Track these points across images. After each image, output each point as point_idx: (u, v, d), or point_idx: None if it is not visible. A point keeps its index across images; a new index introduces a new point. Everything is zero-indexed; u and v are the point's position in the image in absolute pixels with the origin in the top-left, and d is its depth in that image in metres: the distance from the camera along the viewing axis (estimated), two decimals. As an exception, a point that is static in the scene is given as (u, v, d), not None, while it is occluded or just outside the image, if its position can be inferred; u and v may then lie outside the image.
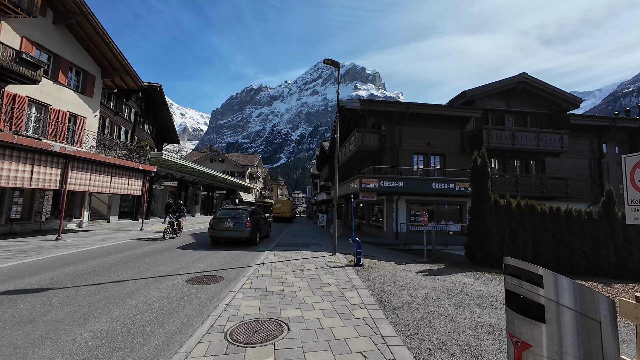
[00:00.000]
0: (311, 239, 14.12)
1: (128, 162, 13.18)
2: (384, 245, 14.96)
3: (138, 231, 13.96)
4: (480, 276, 7.38)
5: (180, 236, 12.71)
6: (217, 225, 10.34)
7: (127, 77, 16.02)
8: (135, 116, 26.70)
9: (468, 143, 16.94)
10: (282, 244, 11.25)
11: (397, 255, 12.10)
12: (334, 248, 9.15)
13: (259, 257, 8.23)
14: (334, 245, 9.14)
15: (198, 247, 9.72)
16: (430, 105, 15.54)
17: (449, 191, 15.24)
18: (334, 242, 9.15)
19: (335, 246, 9.14)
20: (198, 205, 29.73)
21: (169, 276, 5.92)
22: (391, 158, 16.57)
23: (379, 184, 14.82)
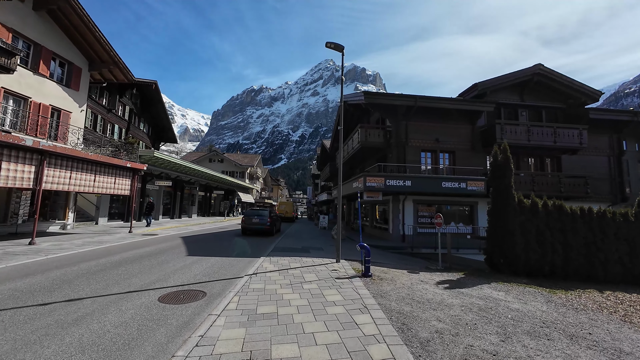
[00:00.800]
0: (312, 241, 13.08)
1: (114, 160, 12.17)
2: (390, 249, 13.91)
3: (125, 234, 12.95)
4: (510, 289, 6.31)
5: (169, 240, 11.69)
6: (248, 220, 14.67)
7: (116, 69, 15.05)
8: (130, 114, 25.78)
9: (479, 140, 15.87)
10: (281, 248, 10.21)
11: (407, 261, 11.04)
12: (337, 254, 8.10)
13: (252, 265, 7.19)
14: (338, 251, 8.10)
15: (185, 253, 8.69)
16: (439, 99, 14.50)
17: (459, 191, 14.17)
18: (337, 247, 8.10)
19: (339, 252, 8.10)
20: (195, 205, 28.74)
21: (140, 292, 4.89)
22: (397, 155, 15.52)
23: (385, 182, 13.77)
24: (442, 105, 14.51)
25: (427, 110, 15.08)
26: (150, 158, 17.20)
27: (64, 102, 13.43)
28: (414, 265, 9.85)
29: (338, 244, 8.09)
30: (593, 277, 8.23)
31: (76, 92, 14.05)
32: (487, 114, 16.11)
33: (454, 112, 15.34)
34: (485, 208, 16.09)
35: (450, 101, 14.61)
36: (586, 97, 15.99)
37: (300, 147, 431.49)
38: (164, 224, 18.99)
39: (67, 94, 13.57)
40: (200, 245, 10.66)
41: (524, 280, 7.53)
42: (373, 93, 14.16)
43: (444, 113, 15.42)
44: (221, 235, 14.75)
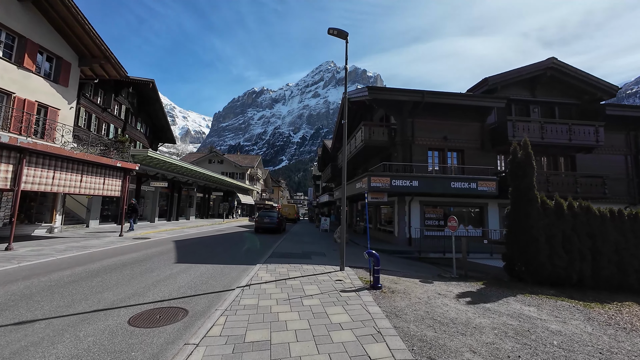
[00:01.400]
0: (313, 246, 12.28)
1: (102, 159, 11.44)
2: (396, 253, 13.09)
3: (115, 238, 12.19)
4: (540, 303, 5.50)
5: (161, 244, 10.92)
6: (260, 220, 17.93)
7: (107, 65, 14.36)
8: (126, 113, 25.15)
9: (489, 138, 15.07)
10: (280, 254, 9.42)
11: (416, 267, 10.22)
12: (341, 261, 7.30)
13: (247, 274, 6.40)
14: (342, 258, 7.30)
15: (174, 260, 7.91)
16: (447, 94, 13.70)
17: (470, 191, 13.36)
18: (341, 254, 7.30)
19: (343, 259, 7.30)
20: (193, 207, 27.99)
21: (110, 310, 4.11)
22: (402, 154, 14.73)
23: (391, 183, 12.98)
24: (450, 101, 13.73)
25: (434, 106, 14.30)
26: (145, 158, 16.48)
27: (51, 99, 12.73)
28: (425, 272, 9.03)
29: (342, 251, 7.29)
30: (625, 287, 7.41)
31: (65, 88, 13.36)
32: (497, 111, 15.32)
33: (462, 109, 14.56)
34: (495, 209, 15.29)
35: (460, 96, 13.82)
36: (602, 92, 15.18)
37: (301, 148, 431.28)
38: (159, 226, 18.24)
39: (55, 89, 12.88)
40: (193, 250, 9.88)
41: (550, 291, 6.71)
42: (378, 88, 13.41)
43: (452, 110, 14.64)
44: (218, 238, 13.98)
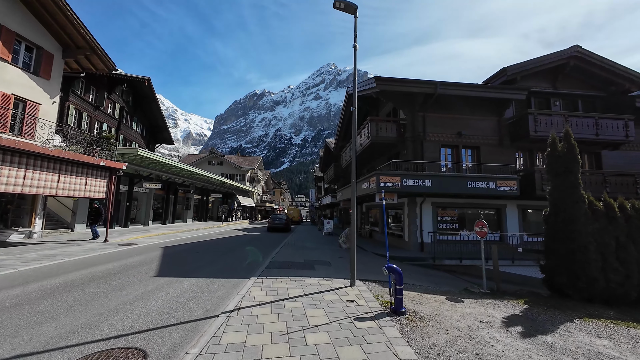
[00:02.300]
0: (316, 252, 11.08)
1: (83, 157, 10.34)
2: (408, 260, 11.85)
3: (99, 244, 11.07)
4: (611, 332, 4.28)
5: (147, 251, 9.77)
6: (271, 221, 22.95)
7: (94, 57, 13.32)
8: (120, 112, 24.19)
9: (507, 133, 13.86)
10: (279, 264, 8.23)
11: (434, 278, 8.98)
12: (352, 275, 6.11)
13: (237, 292, 5.23)
14: (353, 271, 6.10)
15: (154, 272, 6.75)
16: (463, 85, 12.51)
17: (488, 192, 12.15)
18: (352, 266, 6.11)
19: (354, 272, 6.10)
20: (190, 210, 26.88)
21: (37, 355, 2.94)
22: (413, 152, 13.54)
23: (401, 182, 11.80)
24: (466, 93, 12.54)
25: (448, 99, 13.13)
26: (135, 157, 15.40)
27: (30, 92, 11.69)
28: (447, 285, 7.82)
29: (353, 262, 6.09)
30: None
31: (47, 82, 12.32)
32: (516, 104, 14.12)
33: (479, 102, 13.38)
34: (515, 212, 14.04)
35: (476, 88, 12.62)
36: (630, 83, 13.95)
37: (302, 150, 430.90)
38: (152, 230, 17.12)
39: (35, 82, 11.84)
40: (181, 258, 8.72)
41: (609, 312, 5.48)
42: (386, 78, 12.25)
43: (467, 103, 13.46)
44: (212, 244, 12.82)
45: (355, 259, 6.12)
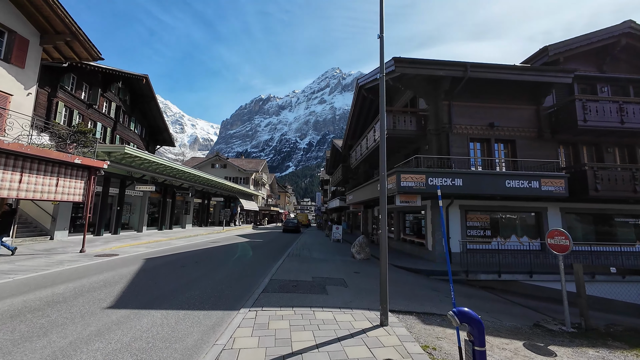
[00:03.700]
0: (326, 266, 9.24)
1: (51, 153, 8.79)
2: (435, 274, 9.93)
3: (74, 255, 9.47)
4: None
5: (123, 265, 8.09)
6: (286, 224, 28.51)
7: (75, 43, 11.92)
8: (117, 112, 22.90)
9: (547, 124, 11.89)
10: (280, 284, 6.43)
11: (481, 301, 7.02)
12: (384, 308, 4.25)
13: (214, 340, 3.45)
14: (385, 303, 4.25)
15: (110, 301, 5.02)
16: (499, 67, 10.61)
17: (531, 192, 10.19)
18: (383, 294, 4.26)
19: (386, 304, 4.25)
20: (189, 214, 25.33)
21: None
22: (437, 147, 11.68)
23: (427, 181, 9.94)
24: (502, 76, 10.64)
25: (477, 84, 11.29)
26: (123, 156, 13.89)
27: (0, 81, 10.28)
28: (503, 312, 5.90)
29: (384, 290, 4.25)
30: None
31: (20, 70, 10.92)
32: (557, 92, 12.17)
33: (513, 87, 11.48)
34: (557, 215, 11.99)
35: (515, 70, 10.69)
36: (694, 64, 11.87)
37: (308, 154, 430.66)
38: (143, 237, 15.53)
39: (5, 70, 10.44)
40: (159, 276, 7.00)
41: None
42: (407, 59, 10.45)
43: (500, 89, 11.59)
44: (206, 254, 11.11)
45: (387, 283, 4.27)
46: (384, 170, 4.61)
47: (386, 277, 4.27)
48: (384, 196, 4.56)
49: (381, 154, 4.66)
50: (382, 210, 4.58)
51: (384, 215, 4.53)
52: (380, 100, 4.88)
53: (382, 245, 4.37)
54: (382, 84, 4.93)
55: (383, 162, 4.61)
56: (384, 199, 4.55)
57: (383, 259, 4.32)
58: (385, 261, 4.31)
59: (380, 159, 4.63)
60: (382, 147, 4.67)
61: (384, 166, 4.61)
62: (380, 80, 4.96)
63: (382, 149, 4.66)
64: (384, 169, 4.61)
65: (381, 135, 4.70)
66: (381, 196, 4.59)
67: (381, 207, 4.59)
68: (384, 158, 4.63)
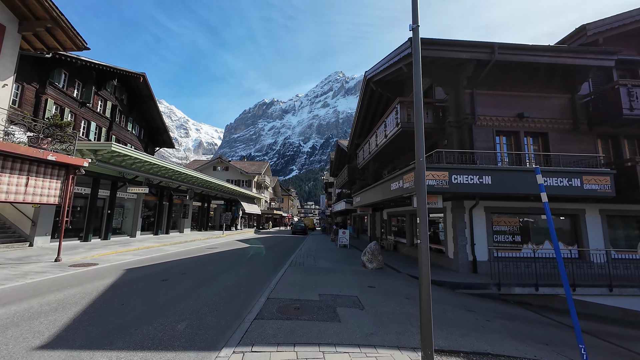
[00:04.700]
0: (335, 278, 7.89)
1: (18, 147, 7.65)
2: (460, 287, 8.52)
3: (47, 265, 8.28)
4: None
5: (95, 278, 6.86)
6: (295, 227, 33.07)
7: (57, 31, 10.88)
8: (113, 111, 21.96)
9: (584, 114, 10.49)
10: (280, 303, 5.13)
11: (531, 327, 5.58)
12: (427, 353, 2.90)
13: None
14: (429, 338, 2.90)
15: (50, 336, 3.76)
16: (531, 48, 9.24)
17: (571, 191, 8.78)
18: (425, 325, 2.92)
19: (430, 338, 2.90)
20: (188, 218, 24.16)
21: None
22: (458, 141, 10.34)
23: (450, 179, 8.59)
24: (534, 59, 9.28)
25: (504, 69, 9.98)
26: (111, 155, 12.76)
27: (-30, 70, 9.24)
28: (565, 344, 4.49)
29: (428, 324, 2.91)
30: None
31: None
32: (593, 78, 10.79)
33: (545, 72, 10.14)
34: (597, 219, 10.51)
35: (550, 51, 9.29)
36: None
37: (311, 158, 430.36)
38: (135, 243, 14.35)
39: (-23, 58, 9.41)
40: (132, 292, 5.75)
41: None
42: (426, 40, 9.14)
43: (531, 74, 10.26)
44: (198, 263, 9.85)
45: (430, 316, 2.94)
46: (422, 154, 3.30)
47: (429, 309, 2.93)
48: (423, 190, 3.25)
49: (417, 129, 3.37)
50: (420, 210, 3.26)
51: (423, 219, 3.21)
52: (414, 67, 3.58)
53: (422, 263, 3.05)
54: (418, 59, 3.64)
55: (420, 139, 3.31)
56: (423, 194, 3.24)
57: (425, 285, 2.99)
58: (428, 287, 2.98)
59: (417, 143, 3.34)
60: (419, 126, 3.37)
61: (421, 145, 3.31)
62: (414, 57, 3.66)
63: (419, 123, 3.37)
64: (422, 149, 3.30)
65: (416, 101, 3.41)
66: (419, 190, 3.27)
67: (419, 207, 3.26)
68: (421, 135, 3.34)
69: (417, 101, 3.46)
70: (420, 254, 3.09)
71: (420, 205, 3.23)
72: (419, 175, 3.27)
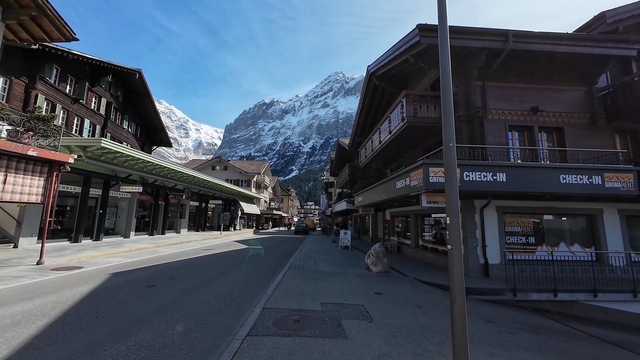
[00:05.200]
0: (338, 283, 7.27)
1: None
2: (472, 293, 7.89)
3: (28, 268, 7.67)
4: None
5: (76, 284, 6.24)
6: (297, 227, 35.91)
7: (43, 20, 10.26)
8: (107, 108, 21.36)
9: (602, 108, 9.88)
10: (277, 314, 4.52)
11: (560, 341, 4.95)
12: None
13: None
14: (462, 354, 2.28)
15: (6, 357, 3.14)
16: (548, 36, 8.62)
17: (590, 189, 8.17)
18: (458, 350, 2.30)
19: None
20: (185, 218, 23.53)
21: None
22: (468, 136, 9.74)
23: (462, 176, 7.98)
24: (551, 48, 8.65)
25: (518, 60, 9.37)
26: (102, 152, 12.14)
27: (-53, 59, 8.63)
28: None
29: (463, 344, 2.29)
30: None
31: (-25, 48, 9.28)
32: (611, 70, 10.18)
33: (562, 63, 9.53)
34: (615, 220, 9.90)
35: (569, 40, 8.64)
36: None
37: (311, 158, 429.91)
38: (128, 244, 13.73)
39: (-45, 47, 8.80)
40: (110, 302, 5.13)
41: None
42: (435, 28, 8.55)
43: (545, 66, 9.65)
44: (191, 266, 9.22)
45: (467, 342, 2.31)
46: (451, 138, 2.68)
47: (465, 333, 2.31)
48: (454, 182, 2.62)
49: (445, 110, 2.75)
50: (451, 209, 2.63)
51: (455, 220, 2.58)
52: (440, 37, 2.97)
53: (455, 275, 2.43)
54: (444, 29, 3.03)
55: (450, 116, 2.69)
56: (454, 188, 2.61)
57: (459, 303, 2.37)
58: (463, 305, 2.36)
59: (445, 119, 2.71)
60: (447, 99, 2.76)
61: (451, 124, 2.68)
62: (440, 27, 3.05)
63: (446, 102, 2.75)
64: (452, 130, 2.68)
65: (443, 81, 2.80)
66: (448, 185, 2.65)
67: (450, 204, 2.64)
68: (450, 114, 2.72)
69: (444, 74, 2.85)
70: (452, 263, 2.47)
71: (451, 203, 2.61)
72: (449, 164, 2.64)
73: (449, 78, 2.96)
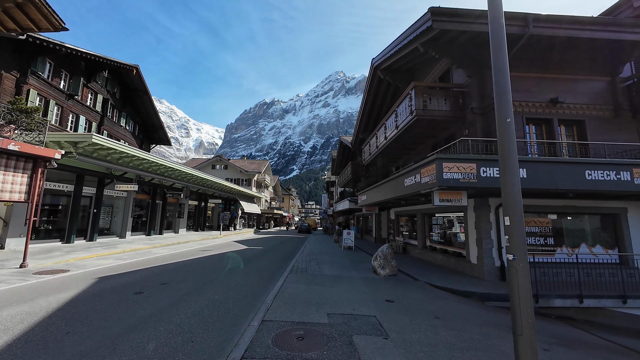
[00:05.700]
0: (344, 289, 6.65)
1: (-31, 133, 6.45)
2: (490, 299, 7.26)
3: (8, 272, 7.08)
4: None
5: (55, 290, 5.64)
6: (300, 226, 39.05)
7: (30, 8, 9.62)
8: (104, 105, 20.77)
9: (627, 99, 9.20)
10: (277, 330, 3.91)
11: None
12: None
13: None
14: None
15: None
16: (571, 20, 7.93)
17: (618, 186, 7.50)
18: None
19: None
20: (183, 218, 22.95)
21: None
22: (482, 129, 9.08)
23: (478, 172, 7.34)
24: (575, 33, 7.99)
25: (536, 48, 8.72)
26: (93, 148, 11.55)
27: None
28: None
29: None
30: None
31: (-45, 36, 8.69)
32: (635, 59, 9.49)
33: (582, 51, 8.86)
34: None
35: (594, 25, 7.95)
36: None
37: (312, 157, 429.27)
38: (123, 245, 13.15)
39: None
40: (88, 313, 4.54)
41: None
42: (449, 12, 7.88)
43: (566, 54, 8.98)
44: (186, 269, 8.61)
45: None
46: (509, 114, 2.04)
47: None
48: (515, 164, 2.00)
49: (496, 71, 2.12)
50: (510, 207, 2.01)
51: (520, 219, 1.96)
52: None
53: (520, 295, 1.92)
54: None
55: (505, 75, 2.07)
56: (515, 175, 1.99)
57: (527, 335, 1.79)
58: (533, 339, 1.73)
59: (496, 82, 2.08)
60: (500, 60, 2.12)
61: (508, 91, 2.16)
62: None
63: (499, 63, 2.12)
64: (509, 98, 2.05)
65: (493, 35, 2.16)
66: (504, 167, 2.03)
67: (509, 197, 2.02)
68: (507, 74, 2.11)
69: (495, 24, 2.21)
70: (516, 278, 1.85)
71: (511, 198, 1.98)
72: (506, 139, 2.01)
73: (503, 30, 2.32)
